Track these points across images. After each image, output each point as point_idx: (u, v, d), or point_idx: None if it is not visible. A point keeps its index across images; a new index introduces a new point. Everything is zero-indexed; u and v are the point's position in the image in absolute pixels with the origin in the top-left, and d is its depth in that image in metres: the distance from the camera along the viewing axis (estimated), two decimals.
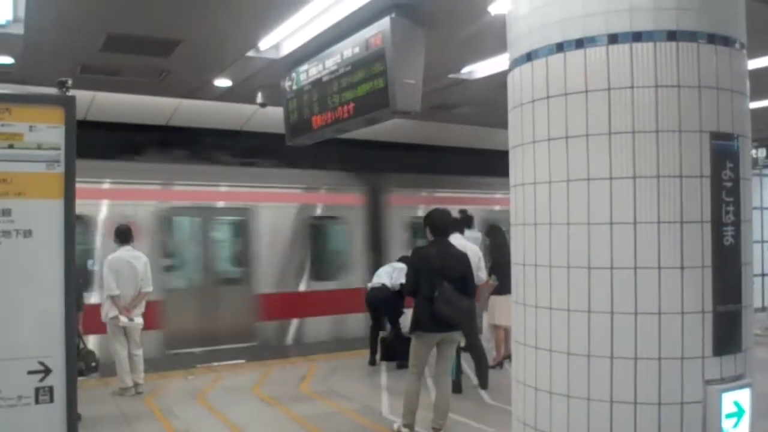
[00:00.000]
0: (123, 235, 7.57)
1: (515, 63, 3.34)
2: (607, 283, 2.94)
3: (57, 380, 3.07)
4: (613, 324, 2.94)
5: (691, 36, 2.91)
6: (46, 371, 3.05)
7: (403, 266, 8.44)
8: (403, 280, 7.46)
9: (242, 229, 11.15)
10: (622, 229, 2.92)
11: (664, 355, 2.89)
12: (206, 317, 10.50)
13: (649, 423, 2.90)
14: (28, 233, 3.01)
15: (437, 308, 5.50)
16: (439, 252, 5.80)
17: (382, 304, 8.72)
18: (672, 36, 2.90)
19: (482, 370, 7.47)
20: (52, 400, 3.05)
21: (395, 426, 5.97)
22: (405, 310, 8.24)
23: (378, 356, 8.88)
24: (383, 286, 8.69)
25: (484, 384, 7.42)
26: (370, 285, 9.02)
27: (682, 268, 2.88)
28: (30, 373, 3.03)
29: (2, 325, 3.03)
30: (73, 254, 3.05)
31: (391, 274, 8.73)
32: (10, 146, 2.99)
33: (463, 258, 5.90)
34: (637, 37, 2.91)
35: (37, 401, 3.03)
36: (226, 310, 10.74)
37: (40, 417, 3.03)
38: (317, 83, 6.96)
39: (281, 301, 10.79)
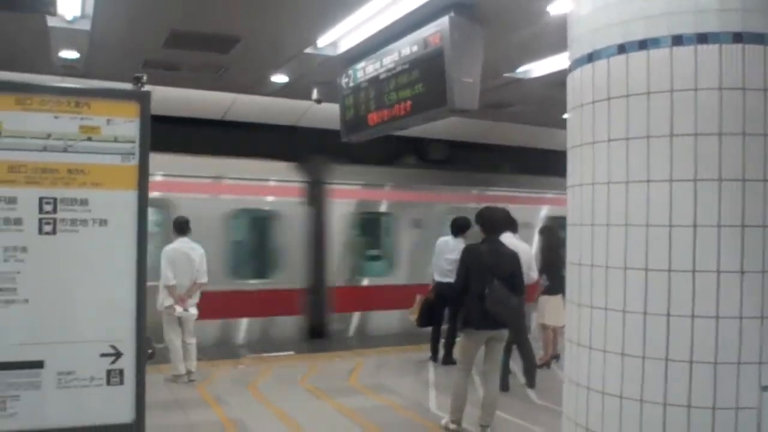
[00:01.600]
0: (181, 226, 7.75)
1: (576, 63, 3.35)
2: (665, 285, 2.94)
3: (127, 363, 3.21)
4: (669, 326, 2.93)
5: (757, 38, 2.88)
6: (117, 355, 3.18)
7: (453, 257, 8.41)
8: None
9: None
10: (682, 232, 2.91)
11: (721, 359, 2.87)
12: None
13: (702, 427, 2.89)
14: (103, 222, 3.14)
15: (488, 306, 5.52)
16: (489, 250, 5.82)
17: (451, 302, 8.58)
18: (738, 38, 2.87)
19: (530, 369, 7.46)
20: (122, 383, 3.19)
21: (443, 422, 6.02)
22: None
23: (414, 317, 8.92)
24: (449, 284, 8.55)
25: (531, 383, 7.40)
26: (437, 279, 8.88)
27: (742, 272, 2.86)
28: (102, 355, 3.16)
29: (77, 310, 3.17)
30: (145, 243, 3.18)
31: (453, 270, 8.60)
32: (89, 139, 3.12)
33: (513, 256, 5.91)
34: (701, 38, 2.89)
35: (108, 383, 3.17)
36: None
37: (110, 398, 3.17)
38: (374, 80, 7.01)
39: None
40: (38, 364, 3.10)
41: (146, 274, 3.21)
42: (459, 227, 8.99)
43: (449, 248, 8.81)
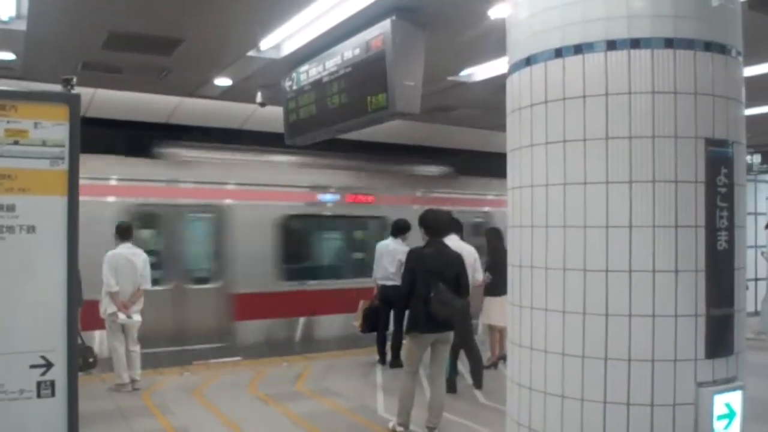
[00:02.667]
0: (123, 231, 7.59)
1: (514, 67, 3.38)
2: (602, 285, 2.98)
3: (59, 375, 3.07)
4: (607, 326, 2.98)
5: (688, 44, 2.95)
6: (48, 365, 3.06)
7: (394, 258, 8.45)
8: None
9: None
10: (618, 233, 2.96)
11: (658, 357, 2.93)
12: None
13: (641, 424, 2.94)
14: (31, 229, 3.02)
15: (432, 309, 5.53)
16: (433, 252, 5.83)
17: (395, 304, 8.51)
18: (669, 43, 2.94)
19: (477, 370, 7.51)
20: (53, 395, 3.06)
21: (390, 425, 6.01)
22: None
23: (358, 323, 8.90)
24: (394, 287, 8.51)
25: (478, 384, 7.46)
26: (381, 282, 8.87)
27: (676, 271, 2.93)
28: (32, 367, 3.03)
29: (5, 319, 3.04)
30: (76, 250, 3.07)
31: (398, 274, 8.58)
32: (15, 142, 3.01)
33: (457, 258, 5.93)
34: (635, 43, 2.95)
35: (39, 395, 3.04)
36: None
37: (41, 411, 3.04)
38: (317, 84, 6.99)
39: None
40: None
41: (78, 282, 3.10)
42: (398, 228, 9.02)
43: (389, 251, 8.84)
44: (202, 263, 11.10)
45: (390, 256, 8.75)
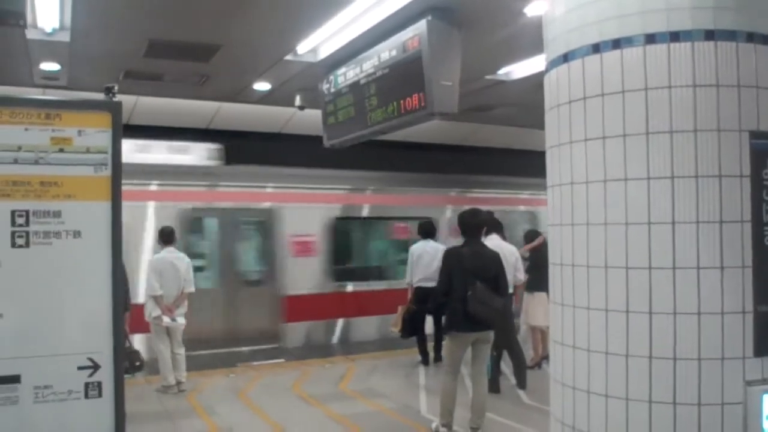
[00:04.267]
0: (167, 236, 7.72)
1: (552, 64, 3.36)
2: (646, 283, 2.94)
3: (105, 376, 3.17)
4: (651, 324, 2.93)
5: (729, 35, 2.89)
6: (95, 367, 3.15)
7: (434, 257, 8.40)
8: None
9: None
10: (661, 230, 2.91)
11: (704, 355, 2.88)
12: None
13: (688, 424, 2.89)
14: (77, 234, 3.12)
15: (471, 308, 5.50)
16: (471, 252, 5.80)
17: (431, 304, 8.46)
18: (710, 35, 2.88)
19: (520, 370, 7.46)
20: (100, 395, 3.15)
21: (433, 425, 6.00)
22: None
23: (397, 329, 8.84)
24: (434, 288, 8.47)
25: (522, 384, 7.40)
26: (417, 284, 8.83)
27: (721, 268, 2.87)
28: (80, 368, 3.13)
29: (53, 322, 3.14)
30: (119, 254, 3.15)
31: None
32: (61, 150, 3.10)
33: (495, 258, 5.88)
34: (674, 36, 2.90)
35: (86, 396, 3.13)
36: None
37: (89, 411, 3.13)
38: (355, 86, 7.02)
39: None
40: (15, 379, 3.07)
41: (123, 285, 3.18)
42: (426, 231, 9.10)
43: (428, 251, 8.86)
44: None
45: (429, 257, 8.74)
